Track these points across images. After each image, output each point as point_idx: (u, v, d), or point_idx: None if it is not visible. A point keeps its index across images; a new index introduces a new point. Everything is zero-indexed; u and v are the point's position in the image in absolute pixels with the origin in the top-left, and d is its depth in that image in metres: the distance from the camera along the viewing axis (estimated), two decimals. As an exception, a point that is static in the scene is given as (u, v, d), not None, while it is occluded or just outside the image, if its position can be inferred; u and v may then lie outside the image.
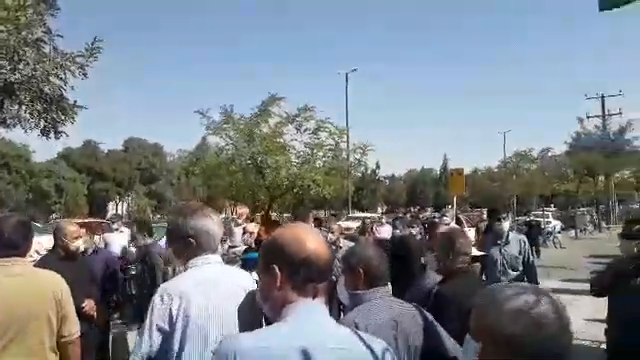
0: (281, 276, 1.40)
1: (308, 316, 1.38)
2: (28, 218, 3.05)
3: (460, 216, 16.18)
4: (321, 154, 12.75)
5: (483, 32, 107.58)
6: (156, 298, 1.96)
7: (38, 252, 5.55)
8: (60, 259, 4.27)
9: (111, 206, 59.52)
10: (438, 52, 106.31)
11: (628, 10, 3.09)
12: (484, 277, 5.24)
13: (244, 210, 14.44)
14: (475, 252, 3.38)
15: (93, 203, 55.15)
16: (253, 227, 6.06)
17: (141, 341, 1.95)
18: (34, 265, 3.64)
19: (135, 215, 47.50)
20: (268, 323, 1.70)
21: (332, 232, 6.88)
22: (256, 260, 5.45)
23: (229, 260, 8.68)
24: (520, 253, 5.10)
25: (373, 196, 50.72)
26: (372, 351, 1.39)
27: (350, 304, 2.34)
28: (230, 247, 9.27)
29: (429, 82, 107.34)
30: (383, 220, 10.76)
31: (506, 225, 5.42)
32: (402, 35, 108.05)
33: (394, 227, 8.80)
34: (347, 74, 30.29)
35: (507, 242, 5.15)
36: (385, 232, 9.80)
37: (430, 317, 2.26)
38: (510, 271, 5.04)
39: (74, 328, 2.64)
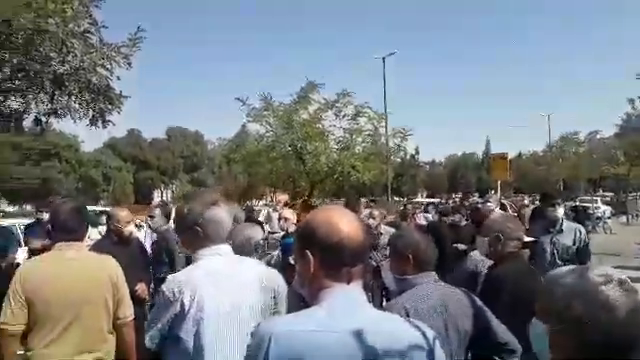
0: (314, 261, 1.36)
1: (343, 300, 1.34)
2: (83, 204, 3.14)
3: (504, 202, 15.77)
4: (360, 139, 12.66)
5: (523, 12, 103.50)
6: (165, 289, 1.94)
7: (89, 237, 5.76)
8: (114, 244, 4.39)
9: (156, 194, 61.27)
10: (477, 33, 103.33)
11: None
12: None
13: (283, 197, 14.53)
14: (526, 238, 3.28)
15: (139, 191, 56.94)
16: (289, 213, 6.03)
17: (150, 329, 1.96)
18: (89, 250, 3.77)
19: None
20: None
21: (373, 218, 6.82)
22: (292, 245, 5.38)
23: (269, 246, 8.82)
24: (574, 243, 4.65)
25: (413, 182, 50.12)
26: (414, 336, 1.33)
27: (397, 289, 2.33)
28: (270, 233, 9.37)
29: (469, 64, 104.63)
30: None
31: (560, 212, 5.00)
32: (437, 18, 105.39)
33: (426, 212, 8.72)
34: (384, 58, 29.84)
35: (560, 230, 4.71)
36: (425, 218, 9.72)
37: (479, 302, 2.21)
38: (560, 262, 4.67)
39: (129, 311, 2.68)
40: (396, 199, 32.62)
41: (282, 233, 7.82)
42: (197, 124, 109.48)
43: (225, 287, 1.97)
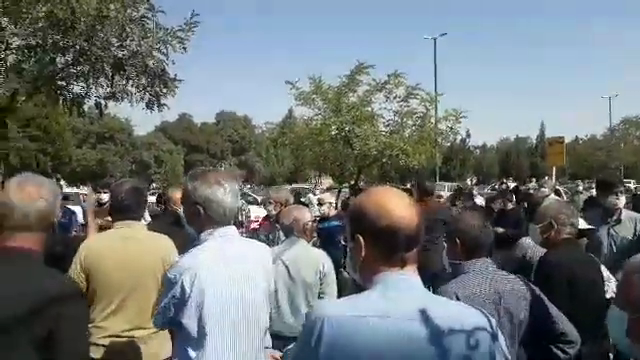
0: (365, 245, 1.32)
1: (397, 285, 1.30)
2: (141, 185, 3.22)
3: (559, 188, 15.14)
4: (411, 122, 12.40)
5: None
6: (168, 272, 1.93)
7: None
8: (169, 224, 4.55)
9: (205, 177, 62.72)
10: (533, 13, 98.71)
11: None
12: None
13: (327, 181, 14.51)
14: (583, 224, 3.11)
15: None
16: (330, 197, 6.00)
17: (158, 312, 1.95)
18: (147, 229, 3.89)
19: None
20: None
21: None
22: (330, 230, 5.30)
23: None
24: (635, 235, 4.14)
25: (462, 166, 48.95)
26: (477, 318, 1.28)
27: (452, 274, 2.28)
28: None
29: (523, 45, 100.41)
30: (475, 192, 10.37)
31: (622, 200, 4.54)
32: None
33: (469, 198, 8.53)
34: (435, 39, 29.18)
35: (618, 221, 4.18)
36: (478, 203, 9.49)
37: (537, 290, 2.13)
38: (617, 257, 4.21)
39: None
40: (445, 184, 31.91)
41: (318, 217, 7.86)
42: (246, 109, 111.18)
43: (228, 270, 1.93)
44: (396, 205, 1.32)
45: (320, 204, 6.04)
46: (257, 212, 10.25)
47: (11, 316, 1.58)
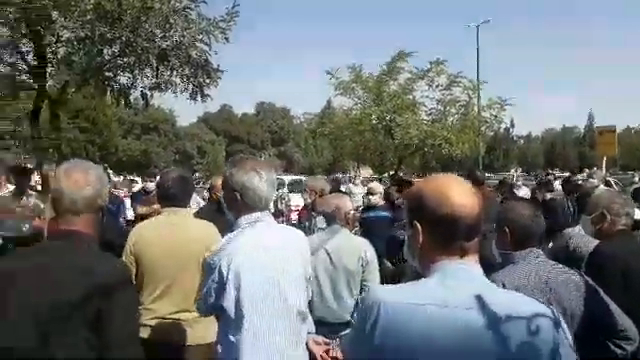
0: (423, 233, 1.29)
1: (456, 274, 1.25)
2: (188, 173, 3.31)
3: (610, 179, 14.50)
4: (454, 111, 12.13)
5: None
6: (208, 258, 1.98)
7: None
8: (214, 211, 4.66)
9: (245, 167, 63.66)
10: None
11: None
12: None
13: (366, 171, 14.41)
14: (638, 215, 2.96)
15: (230, 165, 59.56)
16: (380, 186, 5.91)
17: (200, 298, 2.01)
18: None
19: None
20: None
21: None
22: (374, 220, 5.17)
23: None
24: None
25: (506, 157, 47.63)
26: (537, 306, 1.23)
27: (501, 264, 2.21)
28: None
29: (569, 31, 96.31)
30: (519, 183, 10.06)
31: None
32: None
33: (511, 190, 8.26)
34: (478, 27, 28.40)
35: None
36: (523, 193, 9.22)
37: (591, 282, 2.02)
38: None
39: None
40: (487, 175, 31.22)
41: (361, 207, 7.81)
42: (285, 99, 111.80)
43: (264, 255, 1.96)
44: (457, 192, 1.27)
45: (371, 193, 5.98)
46: (298, 201, 10.32)
47: (64, 297, 1.64)
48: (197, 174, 51.13)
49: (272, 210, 9.22)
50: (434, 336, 1.16)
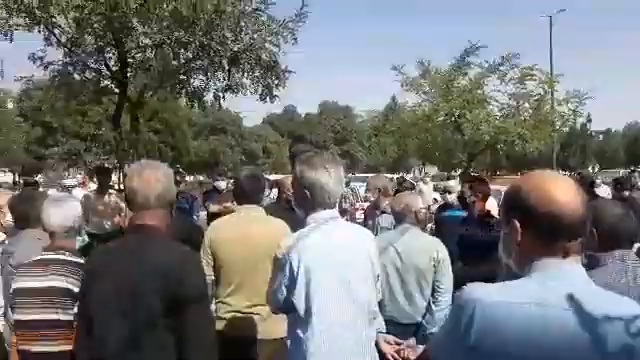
0: (523, 231, 1.21)
1: (557, 275, 1.18)
2: (261, 172, 3.40)
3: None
4: (527, 105, 11.52)
5: None
6: (278, 254, 1.99)
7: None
8: (283, 209, 4.76)
9: (309, 166, 64.32)
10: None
11: None
12: None
13: (431, 169, 14.01)
14: None
15: (294, 164, 60.46)
16: (457, 185, 5.70)
17: (271, 292, 2.01)
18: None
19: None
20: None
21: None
22: (450, 219, 4.96)
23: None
24: None
25: (583, 153, 44.93)
26: (632, 310, 1.16)
27: (587, 265, 2.11)
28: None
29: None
30: (598, 180, 9.38)
31: None
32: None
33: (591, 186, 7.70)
34: (551, 17, 27.02)
35: None
36: (603, 192, 8.63)
37: None
38: None
39: None
40: (563, 173, 29.63)
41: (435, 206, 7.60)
42: (348, 98, 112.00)
43: (332, 252, 1.95)
44: (562, 190, 1.20)
45: (448, 192, 5.82)
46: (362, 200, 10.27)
47: (144, 285, 1.78)
48: (263, 174, 52.25)
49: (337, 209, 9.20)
50: (531, 336, 1.12)
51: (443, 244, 3.52)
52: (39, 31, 6.74)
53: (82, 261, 2.50)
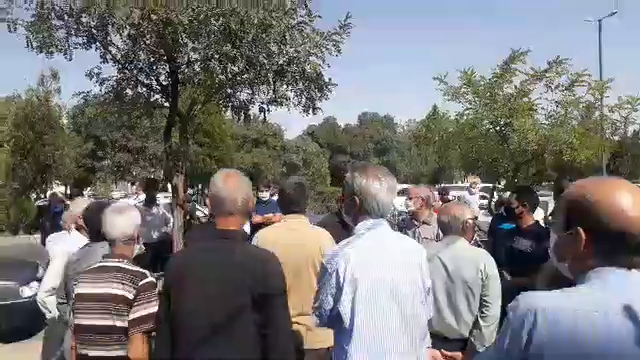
0: (586, 241, 1.21)
1: (622, 282, 1.17)
2: (304, 182, 3.46)
3: None
4: (576, 113, 11.12)
5: None
6: (324, 261, 2.01)
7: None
8: (337, 222, 4.79)
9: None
10: None
11: None
12: None
13: (476, 179, 13.70)
14: None
15: (333, 175, 60.53)
16: (512, 196, 5.60)
17: (315, 299, 2.02)
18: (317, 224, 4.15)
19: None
20: None
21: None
22: (505, 230, 4.85)
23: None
24: None
25: (635, 163, 42.92)
26: None
27: None
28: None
29: None
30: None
31: None
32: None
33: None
34: (600, 21, 26.14)
35: None
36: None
37: None
38: None
39: None
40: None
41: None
42: (388, 108, 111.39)
43: (381, 262, 1.94)
44: (634, 204, 1.18)
45: (502, 204, 5.77)
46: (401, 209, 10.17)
47: (234, 285, 1.93)
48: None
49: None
50: (596, 344, 1.12)
51: (496, 254, 3.47)
52: (96, 49, 7.11)
53: (139, 269, 2.63)
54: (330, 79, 7.72)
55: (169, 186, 9.18)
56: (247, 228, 7.76)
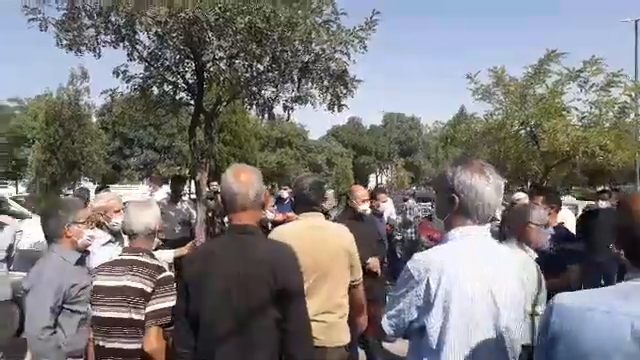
0: (627, 257, 1.31)
1: None
2: (321, 179, 3.43)
3: None
4: (611, 114, 10.76)
5: None
6: (410, 267, 1.69)
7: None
8: (350, 218, 4.84)
9: (372, 178, 64.12)
10: None
11: None
12: None
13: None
14: None
15: (357, 175, 60.39)
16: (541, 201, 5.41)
17: (390, 311, 1.75)
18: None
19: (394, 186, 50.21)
20: None
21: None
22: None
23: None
24: None
25: (670, 166, 41.52)
26: None
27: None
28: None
29: None
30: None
31: None
32: None
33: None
34: (637, 21, 25.35)
35: None
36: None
37: None
38: None
39: (359, 274, 2.97)
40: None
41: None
42: (414, 109, 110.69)
43: (479, 271, 1.65)
44: None
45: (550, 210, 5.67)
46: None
47: (254, 281, 1.94)
48: (326, 185, 52.54)
49: (400, 220, 9.04)
50: (599, 343, 1.14)
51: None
52: (124, 47, 7.15)
53: (158, 263, 2.64)
54: (355, 76, 7.60)
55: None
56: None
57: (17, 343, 4.85)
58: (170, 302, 2.47)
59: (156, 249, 2.90)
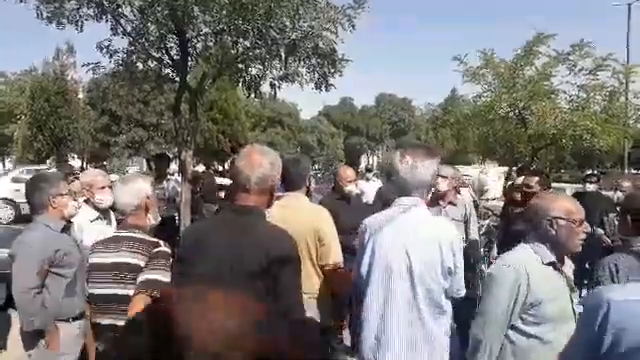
0: None
1: None
2: (302, 159, 3.35)
3: None
4: (599, 98, 10.77)
5: None
6: (359, 228, 2.33)
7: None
8: (336, 199, 4.80)
9: (363, 159, 64.13)
10: None
11: None
12: None
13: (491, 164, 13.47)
14: None
15: (348, 155, 60.36)
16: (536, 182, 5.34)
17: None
18: (319, 203, 4.06)
19: (385, 167, 50.29)
20: None
21: (621, 190, 5.86)
22: None
23: (483, 215, 8.41)
24: None
25: (657, 151, 41.93)
26: None
27: (620, 247, 2.51)
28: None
29: None
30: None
31: None
32: None
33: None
34: (630, 4, 25.33)
35: None
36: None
37: None
38: None
39: (333, 259, 2.87)
40: (635, 172, 27.75)
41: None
42: (406, 90, 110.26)
43: (402, 238, 2.08)
44: None
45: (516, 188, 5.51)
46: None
47: (250, 259, 1.89)
48: (316, 165, 52.53)
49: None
50: None
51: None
52: (106, 21, 6.98)
53: (153, 239, 2.62)
54: (344, 55, 7.49)
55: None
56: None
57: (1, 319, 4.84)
58: (161, 275, 2.43)
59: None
